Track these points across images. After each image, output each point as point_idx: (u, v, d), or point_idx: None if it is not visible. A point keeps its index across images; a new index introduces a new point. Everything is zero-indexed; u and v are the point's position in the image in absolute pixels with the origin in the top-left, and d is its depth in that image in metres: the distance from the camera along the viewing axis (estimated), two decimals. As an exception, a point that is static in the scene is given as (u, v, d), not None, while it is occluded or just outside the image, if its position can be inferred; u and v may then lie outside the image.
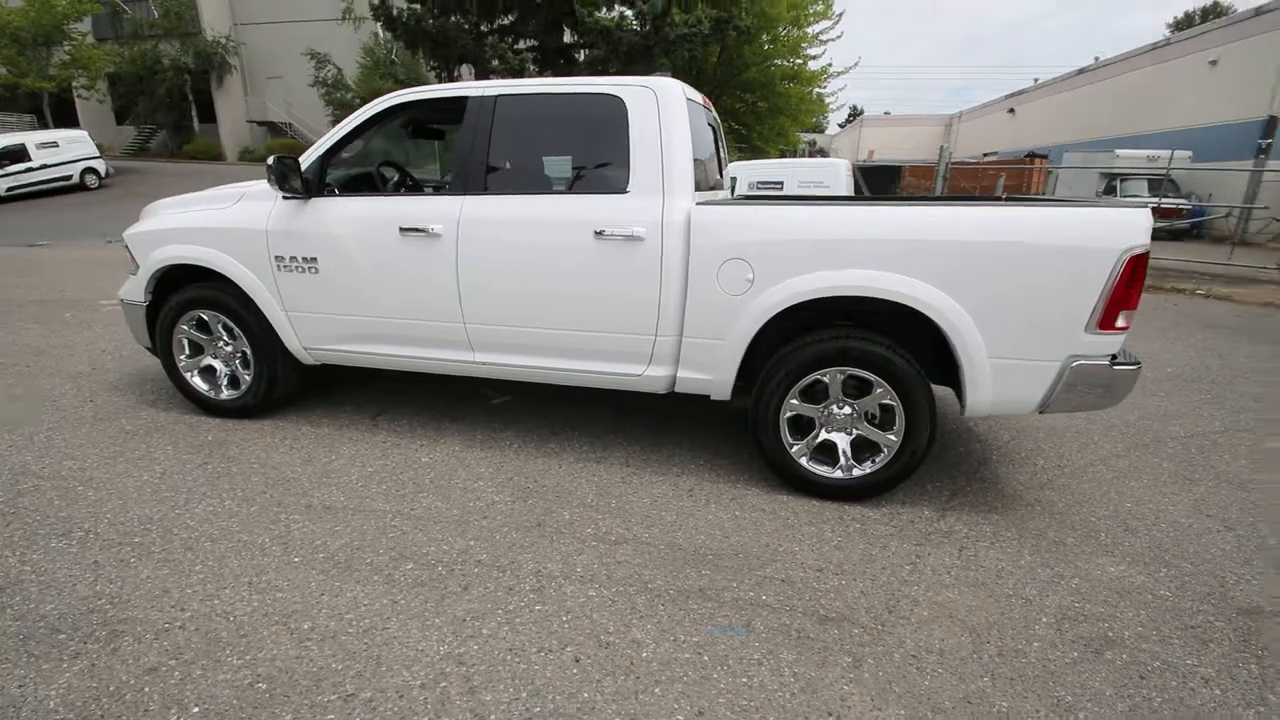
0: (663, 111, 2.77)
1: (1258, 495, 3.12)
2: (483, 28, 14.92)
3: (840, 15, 21.04)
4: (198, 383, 3.61)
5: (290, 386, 3.63)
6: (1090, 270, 2.41)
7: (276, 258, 3.21)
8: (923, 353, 2.80)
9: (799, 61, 20.90)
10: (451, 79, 16.31)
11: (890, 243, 2.53)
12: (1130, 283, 2.41)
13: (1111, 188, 18.72)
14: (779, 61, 20.83)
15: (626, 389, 3.08)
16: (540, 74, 13.29)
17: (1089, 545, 2.64)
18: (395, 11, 14.08)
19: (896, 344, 2.69)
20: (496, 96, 2.96)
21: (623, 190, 2.79)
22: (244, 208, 3.29)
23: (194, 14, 30.06)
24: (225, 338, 3.53)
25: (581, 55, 15.78)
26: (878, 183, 19.20)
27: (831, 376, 2.75)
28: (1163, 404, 4.32)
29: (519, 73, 13.14)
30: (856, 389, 2.78)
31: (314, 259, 3.16)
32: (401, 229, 3.01)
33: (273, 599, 2.13)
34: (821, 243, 2.58)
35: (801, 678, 1.89)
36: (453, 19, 14.10)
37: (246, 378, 3.53)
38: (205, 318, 3.48)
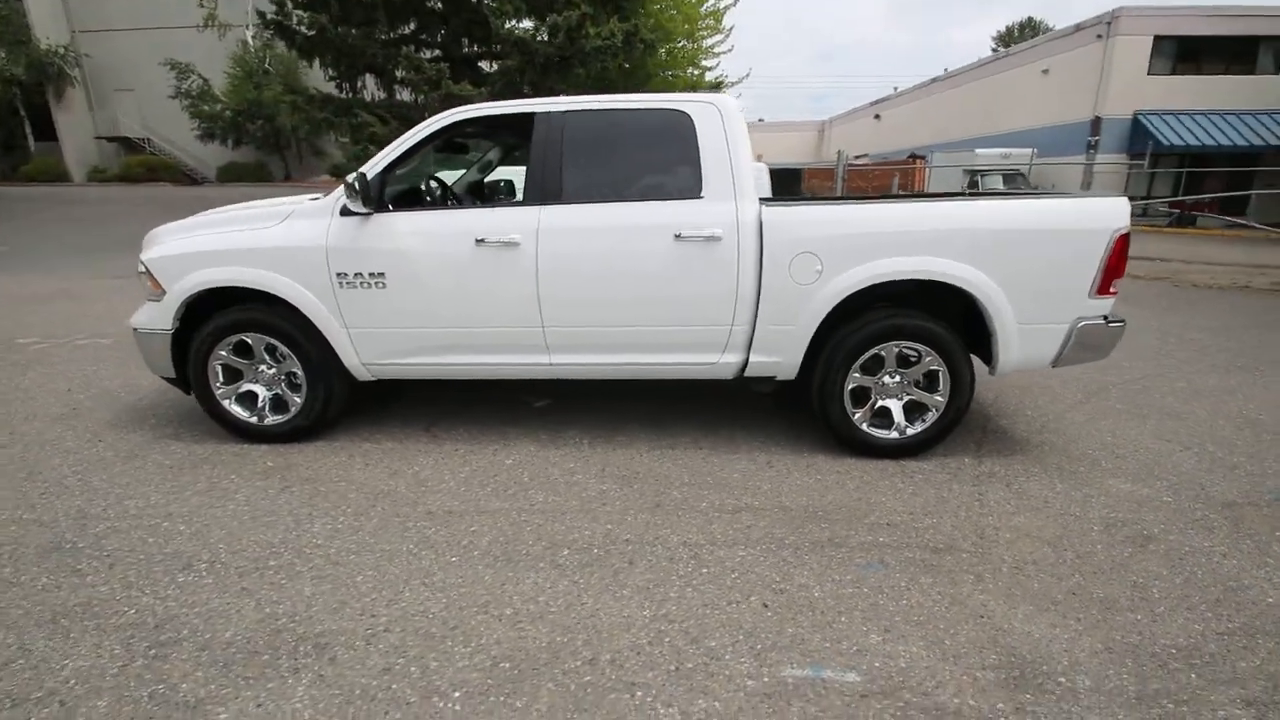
0: (727, 124, 3.08)
1: (1191, 423, 3.91)
2: (382, 37, 14.45)
3: (730, 29, 22.27)
4: (236, 410, 3.46)
5: (342, 405, 3.56)
6: (1091, 246, 2.99)
7: (338, 275, 3.17)
8: (953, 325, 3.29)
9: (696, 73, 21.87)
10: (354, 90, 15.64)
11: (937, 232, 2.99)
12: (1120, 256, 3.01)
13: (974, 182, 21.17)
14: (677, 73, 21.68)
15: (697, 378, 3.35)
16: (454, 84, 13.08)
17: (1098, 471, 3.24)
18: (295, 20, 13.31)
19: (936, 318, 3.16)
20: (566, 112, 3.14)
21: (696, 196, 3.07)
22: (296, 226, 3.22)
23: (23, 20, 26.47)
24: (268, 360, 3.41)
25: (490, 66, 15.67)
26: (785, 184, 20.53)
27: (888, 350, 3.17)
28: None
29: (435, 84, 12.86)
30: (903, 359, 3.22)
31: (381, 274, 3.16)
32: (477, 240, 3.10)
33: (458, 594, 2.21)
34: (880, 235, 3.00)
35: (945, 595, 2.26)
36: (354, 30, 13.55)
37: (297, 400, 3.43)
38: (249, 341, 3.35)
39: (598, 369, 3.33)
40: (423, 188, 3.71)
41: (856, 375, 3.22)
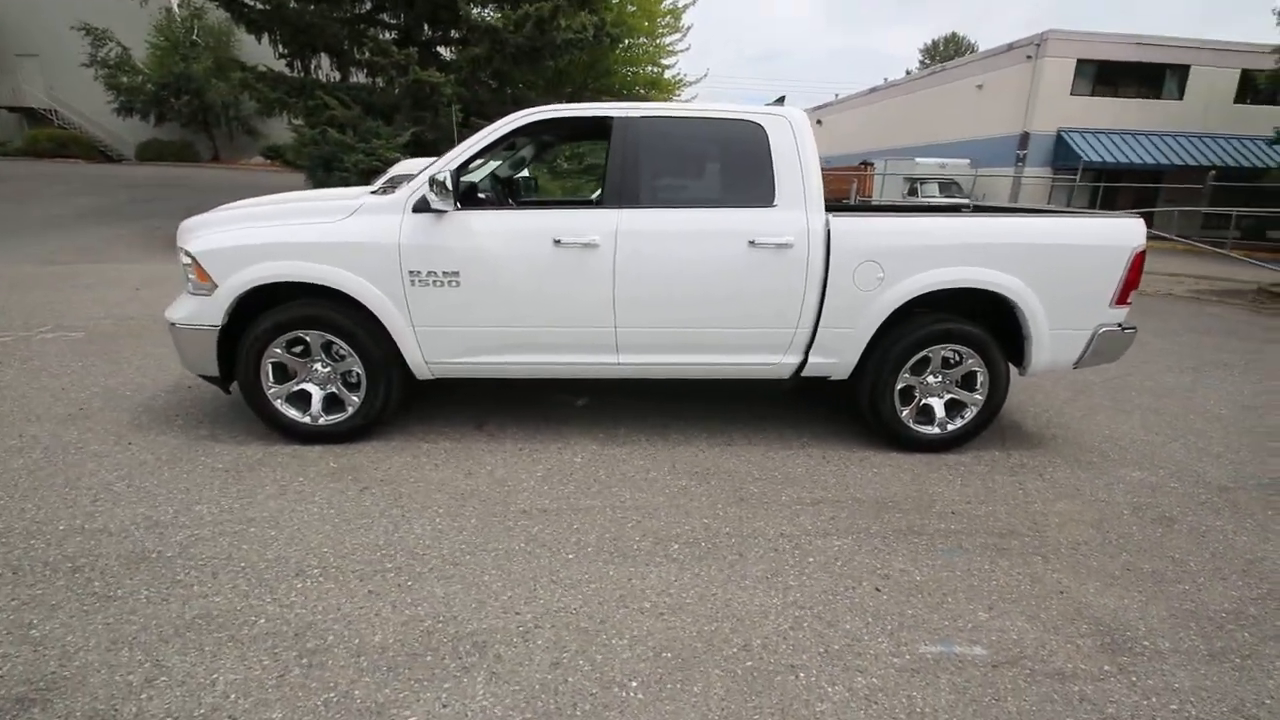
0: (798, 136, 3.24)
1: (1169, 417, 4.39)
2: (342, 15, 13.82)
3: (688, 28, 22.54)
4: (289, 411, 3.35)
5: (397, 404, 3.51)
6: (1113, 261, 3.34)
7: (411, 272, 3.13)
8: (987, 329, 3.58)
9: (656, 70, 22.03)
10: (306, 70, 14.88)
11: (987, 245, 3.26)
12: (1137, 270, 3.37)
13: (914, 189, 22.34)
14: (637, 69, 21.77)
15: (757, 377, 3.51)
16: (421, 69, 12.68)
17: (1109, 461, 3.62)
18: (248, -8, 12.54)
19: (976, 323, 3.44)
20: (644, 118, 3.21)
21: (769, 204, 3.21)
22: (365, 221, 3.15)
23: (-97, -32, 23.66)
24: (324, 359, 3.32)
25: (450, 52, 15.26)
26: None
27: (934, 352, 3.43)
28: (1069, 360, 5.69)
29: (403, 69, 12.44)
30: (945, 361, 3.49)
31: (455, 273, 3.14)
32: (555, 241, 3.13)
33: (591, 590, 2.28)
34: (938, 246, 3.24)
35: (1025, 574, 2.51)
36: (314, 6, 12.90)
37: (354, 399, 3.36)
38: (307, 339, 3.26)
39: (663, 369, 3.43)
40: (485, 185, 3.69)
41: (905, 376, 3.46)
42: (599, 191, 3.28)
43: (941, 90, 26.47)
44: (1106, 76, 22.09)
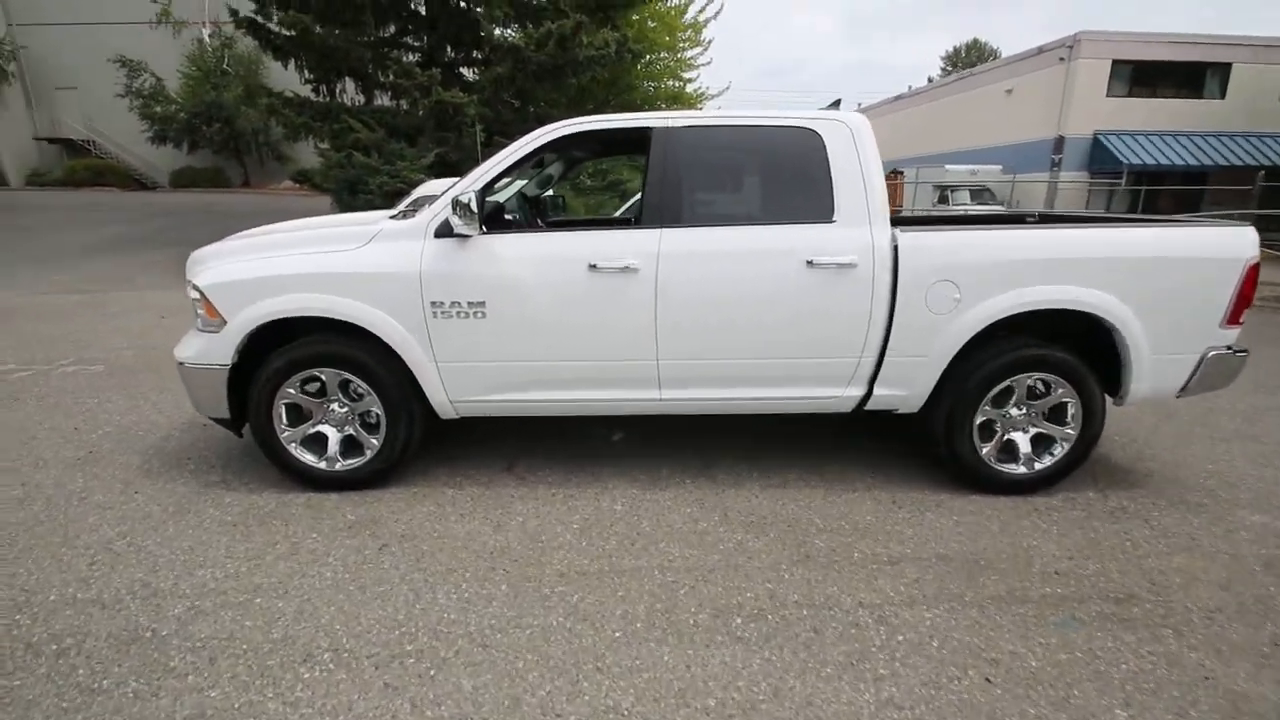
0: (859, 143, 2.90)
1: (1271, 446, 3.90)
2: (366, 39, 13.89)
3: (709, 42, 22.38)
4: (303, 455, 3.08)
5: (418, 446, 3.21)
6: (1224, 275, 2.92)
7: (433, 303, 2.85)
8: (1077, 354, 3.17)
9: (678, 85, 21.88)
10: (332, 94, 15.00)
11: (1080, 260, 2.87)
12: (1251, 285, 2.94)
13: (944, 197, 21.76)
14: (656, 84, 21.65)
15: (815, 411, 3.14)
16: (444, 90, 12.63)
17: (1219, 501, 3.16)
18: (276, 19, 12.64)
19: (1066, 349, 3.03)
20: (685, 127, 2.90)
21: (828, 220, 2.87)
22: (383, 249, 2.88)
23: (-49, 10, 24.70)
24: (342, 399, 3.05)
25: (473, 73, 15.26)
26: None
27: (1019, 382, 3.03)
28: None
29: (426, 91, 12.39)
30: (1032, 391, 3.09)
31: (481, 302, 2.85)
32: (590, 266, 2.83)
33: (644, 681, 1.93)
34: (1022, 262, 2.86)
35: (1159, 655, 2.10)
36: (338, 31, 12.97)
37: (374, 441, 3.07)
38: (322, 378, 2.99)
39: (710, 404, 3.09)
40: (510, 205, 3.41)
41: (986, 408, 3.06)
42: (628, 206, 2.99)
43: (969, 96, 25.87)
44: (1143, 77, 21.34)
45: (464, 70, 15.57)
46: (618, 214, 9.84)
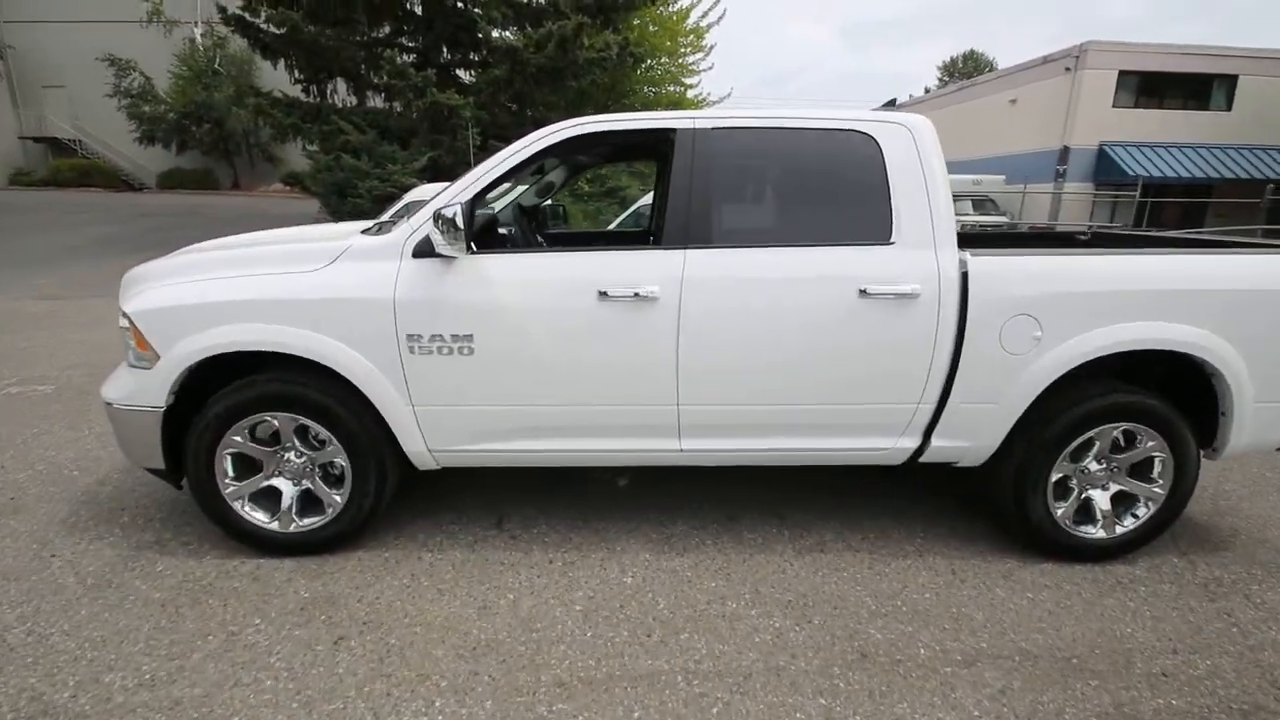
0: (921, 150, 2.43)
1: (1366, 497, 3.45)
2: (359, 39, 13.41)
3: (711, 47, 22.01)
4: (252, 514, 2.58)
5: (389, 501, 2.72)
6: (1347, 310, 2.46)
7: (410, 337, 2.36)
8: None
9: (679, 90, 21.49)
10: (323, 95, 14.52)
11: (1183, 293, 2.41)
12: (1376, 321, 2.49)
13: (948, 207, 21.34)
14: (657, 90, 21.27)
15: (860, 463, 2.67)
16: (439, 92, 12.15)
17: (1333, 574, 2.70)
18: (264, 16, 12.17)
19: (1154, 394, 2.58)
20: (715, 129, 2.43)
21: (886, 241, 2.40)
22: (351, 271, 2.39)
23: (-66, 5, 24.11)
24: (299, 447, 2.56)
25: (469, 75, 14.80)
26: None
27: (1103, 433, 2.56)
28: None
29: (421, 92, 11.92)
30: (1115, 443, 2.63)
31: (468, 336, 2.37)
32: (600, 294, 2.35)
33: None
34: (1118, 294, 2.39)
35: (1333, 811, 1.62)
36: (329, 30, 12.48)
37: (336, 498, 2.58)
38: (274, 423, 2.49)
39: (738, 455, 2.61)
40: (506, 220, 2.93)
41: (1063, 463, 2.60)
42: (629, 215, 2.52)
43: (971, 105, 25.60)
44: (1150, 88, 21.08)
45: (461, 73, 15.13)
46: (617, 223, 9.38)
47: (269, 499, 2.61)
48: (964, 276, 2.39)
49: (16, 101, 26.68)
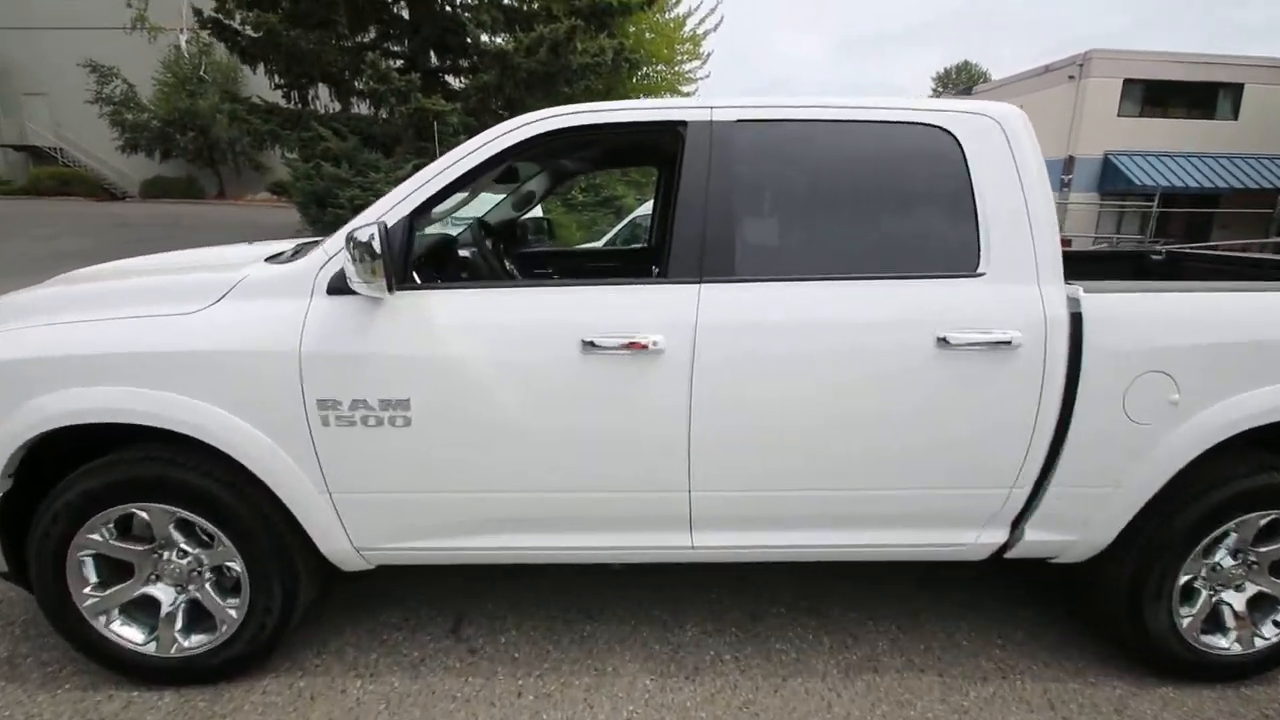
0: (1016, 152, 1.82)
1: None
2: (342, 44, 12.83)
3: (708, 55, 21.54)
4: (121, 632, 1.93)
5: (307, 610, 2.08)
6: None
7: (323, 403, 1.73)
8: None
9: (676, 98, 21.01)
10: (304, 101, 13.92)
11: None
12: None
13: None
14: (654, 98, 20.77)
15: (928, 559, 2.05)
16: (425, 97, 11.57)
17: None
18: (239, 19, 11.58)
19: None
20: (740, 122, 1.81)
21: (972, 272, 1.78)
22: (241, 312, 1.76)
23: (-93, 10, 23.48)
24: (183, 545, 1.91)
25: (459, 80, 14.24)
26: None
27: (1246, 523, 1.94)
28: None
29: (404, 97, 11.32)
30: (1258, 534, 2.00)
31: (403, 402, 1.73)
32: (586, 343, 1.71)
33: None
34: (1272, 344, 1.78)
35: None
36: (313, 33, 11.89)
37: (231, 612, 1.93)
38: (144, 516, 1.85)
39: (767, 553, 1.99)
40: (464, 244, 2.29)
41: (1194, 561, 1.97)
42: (617, 233, 1.93)
43: (973, 114, 25.17)
44: (1155, 97, 20.69)
45: (450, 79, 14.57)
46: (608, 238, 8.74)
47: (145, 612, 1.96)
48: (1075, 319, 1.77)
49: (-4, 109, 26.01)
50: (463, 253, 2.36)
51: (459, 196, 2.33)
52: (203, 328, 1.73)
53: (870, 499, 1.87)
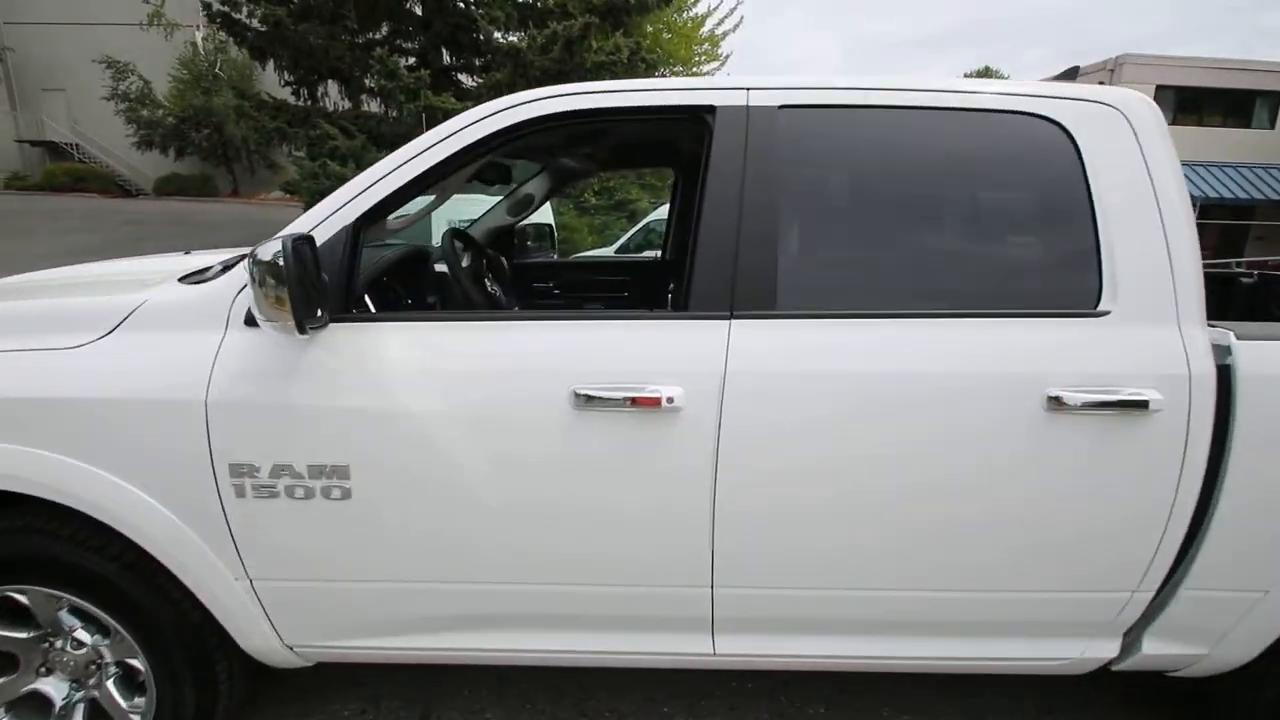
0: (1148, 154, 1.39)
1: None
2: (350, 39, 12.56)
3: (727, 56, 21.12)
4: (-2, 737, 1.55)
5: (232, 711, 1.68)
6: None
7: (236, 468, 1.33)
8: None
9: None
10: (314, 98, 13.66)
11: None
12: None
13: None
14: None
15: (1018, 672, 1.61)
16: (436, 95, 11.24)
17: None
18: (245, 11, 11.33)
19: None
20: (786, 108, 1.39)
21: (1090, 309, 1.35)
22: (136, 348, 1.36)
23: (-69, 6, 23.65)
24: (78, 634, 1.52)
25: (473, 79, 13.93)
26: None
27: None
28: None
29: (413, 94, 10.99)
30: None
31: (341, 468, 1.33)
32: (579, 396, 1.30)
33: None
34: None
35: None
36: (319, 26, 11.61)
37: (134, 717, 1.54)
38: (23, 601, 1.46)
39: (809, 662, 1.55)
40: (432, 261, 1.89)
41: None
42: (629, 238, 1.49)
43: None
44: (1188, 104, 20.01)
45: (462, 77, 14.26)
46: (616, 246, 8.31)
47: (36, 711, 1.58)
48: (1224, 373, 1.33)
49: (15, 104, 26.09)
50: (441, 268, 1.96)
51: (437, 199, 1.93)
52: (87, 367, 1.34)
53: (945, 604, 1.44)
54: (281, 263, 1.11)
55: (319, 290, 1.21)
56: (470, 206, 5.61)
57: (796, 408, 1.32)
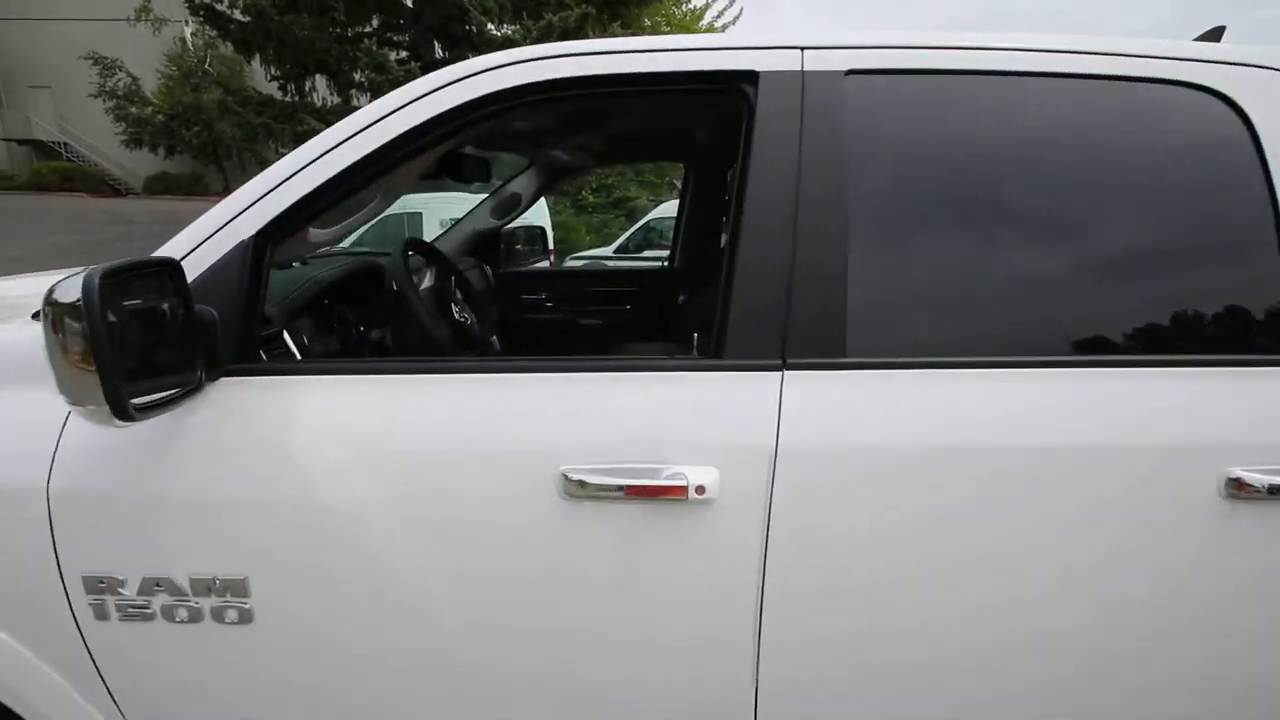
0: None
1: None
2: (338, 32, 12.14)
3: (726, 49, 20.73)
4: None
5: None
6: None
7: (93, 581, 0.95)
8: None
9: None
10: (301, 93, 13.24)
11: None
12: None
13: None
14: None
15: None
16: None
17: None
18: (228, 2, 10.92)
19: None
20: (849, 74, 1.00)
21: (1276, 353, 0.97)
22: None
23: (-90, 0, 23.18)
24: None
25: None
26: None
27: None
28: None
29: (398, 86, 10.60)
30: None
31: (238, 582, 0.95)
32: (570, 479, 0.92)
33: None
34: None
35: None
36: (305, 18, 11.20)
37: None
38: None
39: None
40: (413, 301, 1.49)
41: None
42: (628, 237, 1.31)
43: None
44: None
45: (455, 71, 13.87)
46: (614, 246, 7.89)
47: None
48: None
49: (1, 102, 25.61)
50: (403, 289, 1.57)
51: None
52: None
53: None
54: (88, 301, 0.72)
55: (178, 345, 0.83)
56: (464, 206, 5.22)
57: (874, 494, 0.94)
